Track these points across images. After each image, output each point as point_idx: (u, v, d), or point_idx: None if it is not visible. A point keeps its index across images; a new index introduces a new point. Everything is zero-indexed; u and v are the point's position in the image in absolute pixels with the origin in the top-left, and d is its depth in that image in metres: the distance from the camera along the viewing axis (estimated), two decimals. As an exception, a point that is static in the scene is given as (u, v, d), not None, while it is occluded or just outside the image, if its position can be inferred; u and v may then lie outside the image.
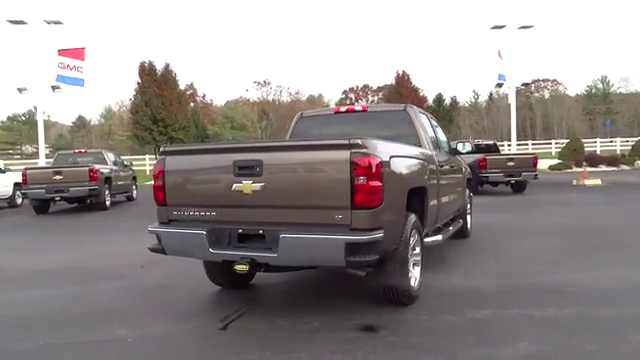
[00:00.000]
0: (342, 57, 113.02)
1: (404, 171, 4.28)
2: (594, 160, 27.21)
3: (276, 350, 3.56)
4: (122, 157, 18.82)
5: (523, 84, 23.53)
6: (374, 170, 3.63)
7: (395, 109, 5.92)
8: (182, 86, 27.94)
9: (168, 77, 26.56)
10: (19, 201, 16.33)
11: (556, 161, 28.33)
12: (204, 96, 70.12)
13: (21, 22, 21.32)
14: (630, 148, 30.61)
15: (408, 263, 4.31)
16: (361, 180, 3.60)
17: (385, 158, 3.83)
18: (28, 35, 21.91)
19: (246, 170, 3.91)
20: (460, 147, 7.23)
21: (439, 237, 5.46)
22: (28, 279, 6.16)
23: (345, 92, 74.18)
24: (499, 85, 24.01)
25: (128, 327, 4.16)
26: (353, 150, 3.62)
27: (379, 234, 3.63)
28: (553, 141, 42.36)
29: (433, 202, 5.17)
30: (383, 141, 4.00)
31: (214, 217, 4.12)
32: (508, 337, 3.70)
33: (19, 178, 15.67)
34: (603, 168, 26.20)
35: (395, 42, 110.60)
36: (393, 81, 35.03)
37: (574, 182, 18.09)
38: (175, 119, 25.93)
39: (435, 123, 6.64)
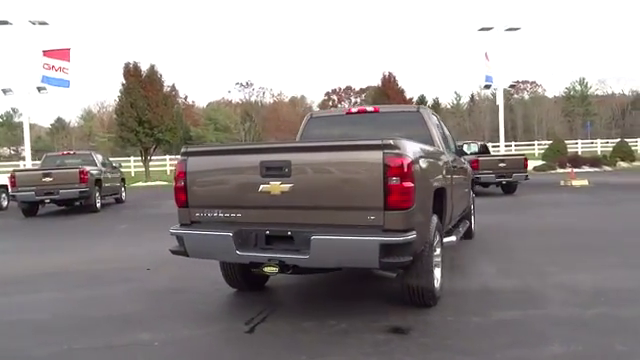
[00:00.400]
0: (324, 59, 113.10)
1: (430, 172, 4.29)
2: (577, 161, 27.73)
3: (311, 353, 3.51)
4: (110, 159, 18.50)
5: (511, 85, 23.86)
6: (406, 170, 3.61)
7: (408, 110, 5.93)
8: (166, 87, 27.55)
9: (153, 78, 26.18)
10: (5, 204, 15.93)
11: (540, 162, 28.79)
12: (186, 97, 69.39)
13: (6, 22, 20.85)
14: (611, 149, 31.34)
15: (432, 264, 4.30)
16: (394, 181, 3.58)
17: (414, 158, 3.82)
18: (12, 36, 21.43)
19: (274, 171, 3.85)
20: (465, 148, 7.28)
21: (453, 238, 5.46)
22: (30, 282, 6.00)
23: (328, 94, 74.29)
24: (487, 87, 24.35)
25: (150, 331, 4.07)
26: (386, 151, 3.60)
27: (413, 235, 3.62)
28: (536, 142, 43.02)
29: (449, 203, 5.18)
30: (410, 142, 3.98)
31: (239, 219, 4.06)
32: (538, 338, 3.71)
33: (4, 180, 15.31)
34: (586, 169, 26.72)
35: (378, 44, 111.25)
36: (379, 82, 35.15)
37: (562, 183, 18.38)
38: (161, 120, 25.59)
39: (443, 124, 6.66)
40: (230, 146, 4.98)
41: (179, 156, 4.28)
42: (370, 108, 6.12)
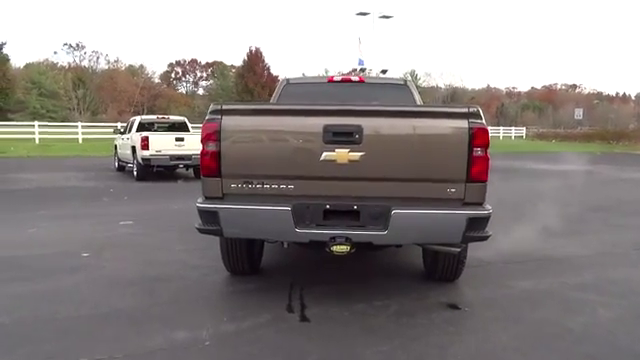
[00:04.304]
0: (167, 27, 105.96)
1: None
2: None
3: (406, 337, 3.21)
4: None
5: (382, 70, 25.14)
6: (487, 141, 3.46)
7: (395, 82, 5.76)
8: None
9: (-22, 27, 21.66)
10: None
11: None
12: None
13: None
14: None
15: None
16: (479, 152, 3.40)
17: None
18: None
19: (342, 137, 3.38)
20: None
21: None
22: None
23: (171, 65, 70.13)
24: (362, 70, 25.24)
25: (180, 329, 3.32)
26: (471, 120, 3.40)
27: (491, 209, 3.50)
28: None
29: None
30: None
31: (291, 191, 3.48)
32: (579, 305, 3.92)
33: None
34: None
35: (238, 20, 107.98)
36: (245, 57, 34.29)
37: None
38: (-10, 80, 21.31)
39: None
40: (281, 105, 4.25)
41: (209, 115, 3.49)
42: (355, 77, 5.80)
